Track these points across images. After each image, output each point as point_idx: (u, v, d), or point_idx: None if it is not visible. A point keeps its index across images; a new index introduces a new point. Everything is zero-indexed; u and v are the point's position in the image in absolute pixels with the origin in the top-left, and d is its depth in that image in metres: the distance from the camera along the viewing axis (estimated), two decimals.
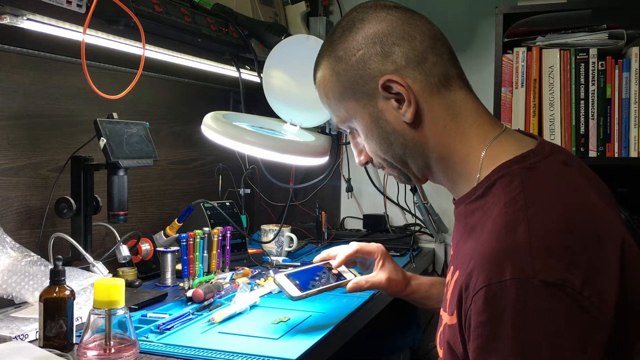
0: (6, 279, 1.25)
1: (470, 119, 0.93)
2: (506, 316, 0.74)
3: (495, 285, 0.75)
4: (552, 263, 0.75)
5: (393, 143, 0.95)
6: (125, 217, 1.50)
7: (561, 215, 0.81)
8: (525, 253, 0.76)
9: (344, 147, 2.50)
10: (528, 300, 0.74)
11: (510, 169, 0.87)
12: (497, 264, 0.77)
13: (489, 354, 0.76)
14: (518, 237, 0.78)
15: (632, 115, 1.78)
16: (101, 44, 1.44)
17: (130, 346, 1.06)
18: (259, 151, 1.47)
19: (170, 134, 2.06)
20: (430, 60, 0.92)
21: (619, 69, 1.79)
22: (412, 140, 0.94)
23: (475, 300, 0.78)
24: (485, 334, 0.76)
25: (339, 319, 1.35)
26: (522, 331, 0.74)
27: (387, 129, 0.94)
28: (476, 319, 0.77)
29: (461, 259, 0.88)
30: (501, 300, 0.75)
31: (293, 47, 1.50)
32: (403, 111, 0.92)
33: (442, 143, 0.93)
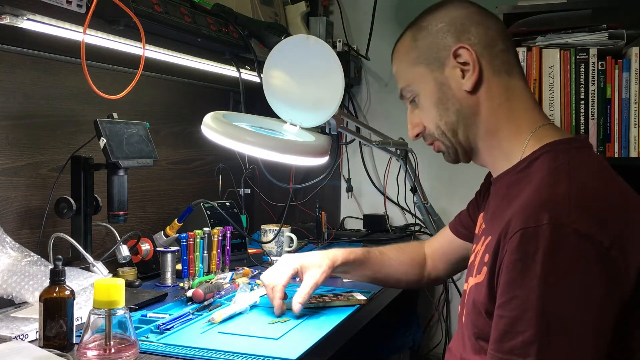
0: (6, 279, 1.25)
1: (523, 105, 1.04)
2: (538, 256, 0.81)
3: (532, 229, 0.83)
4: (586, 218, 0.83)
5: (449, 109, 1.04)
6: (125, 217, 1.50)
7: (600, 186, 0.90)
8: (562, 204, 0.84)
9: (344, 147, 2.50)
10: (560, 244, 0.81)
11: (556, 147, 0.97)
12: (535, 211, 0.84)
13: (516, 287, 0.83)
14: (558, 192, 0.86)
15: (632, 115, 1.78)
16: (101, 44, 1.44)
17: (130, 346, 1.06)
18: (259, 151, 1.47)
19: (170, 134, 2.06)
20: (499, 47, 1.03)
21: (619, 69, 1.79)
22: (467, 109, 1.04)
23: (511, 242, 0.85)
24: (516, 269, 0.83)
25: (339, 319, 1.35)
26: (549, 271, 0.81)
27: (447, 94, 1.04)
28: (509, 257, 0.84)
29: (497, 224, 0.93)
30: (535, 241, 0.82)
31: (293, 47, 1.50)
32: (465, 79, 1.02)
33: (493, 118, 1.03)
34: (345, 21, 2.55)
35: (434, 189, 2.38)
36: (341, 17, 2.54)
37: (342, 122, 1.61)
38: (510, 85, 1.04)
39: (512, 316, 0.83)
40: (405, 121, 1.15)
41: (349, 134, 1.97)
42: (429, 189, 2.27)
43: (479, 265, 0.97)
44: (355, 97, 2.57)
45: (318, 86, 1.47)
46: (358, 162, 2.52)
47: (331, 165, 2.27)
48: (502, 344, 0.84)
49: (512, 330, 0.83)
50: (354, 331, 1.42)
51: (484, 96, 1.03)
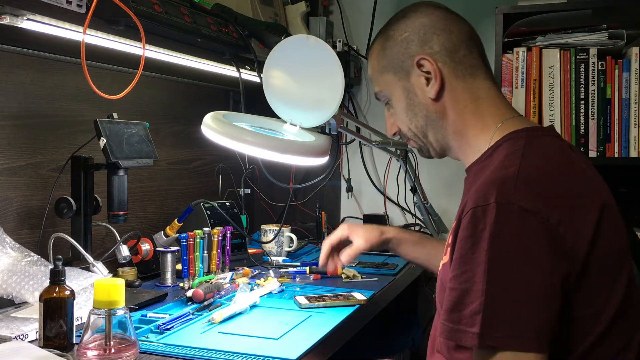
0: (6, 279, 1.25)
1: (489, 102, 1.09)
2: (485, 232, 0.87)
3: (481, 208, 0.88)
4: (532, 195, 0.87)
5: (417, 114, 1.11)
6: (125, 217, 1.50)
7: (551, 166, 0.95)
8: (509, 183, 0.89)
9: (344, 147, 2.50)
10: (506, 221, 0.86)
11: (517, 134, 1.02)
12: (485, 191, 0.90)
13: (465, 263, 0.88)
14: (507, 173, 0.92)
15: (632, 115, 1.78)
16: (101, 44, 1.44)
17: (130, 346, 1.06)
18: (259, 151, 1.47)
19: (170, 134, 2.06)
20: (461, 52, 1.08)
21: (619, 69, 1.79)
22: (434, 114, 1.10)
23: (463, 221, 0.91)
24: (466, 245, 0.89)
25: (339, 319, 1.35)
26: (495, 246, 0.86)
27: (414, 101, 1.11)
28: (461, 234, 0.90)
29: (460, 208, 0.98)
30: (483, 219, 0.87)
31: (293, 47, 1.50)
32: (429, 88, 1.08)
33: (459, 120, 1.09)
34: (345, 21, 2.55)
35: (434, 189, 2.38)
36: (341, 17, 2.54)
37: (342, 122, 1.61)
38: (474, 87, 1.09)
39: (461, 289, 0.88)
40: None
41: (349, 134, 1.97)
42: (429, 189, 2.27)
43: (445, 247, 1.03)
44: (355, 97, 2.57)
45: (318, 86, 1.47)
46: (358, 162, 2.52)
47: (331, 165, 2.27)
48: (452, 314, 0.89)
49: (461, 302, 0.87)
50: (354, 331, 1.42)
51: (449, 101, 1.09)
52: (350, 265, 1.87)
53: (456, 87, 1.08)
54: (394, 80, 1.13)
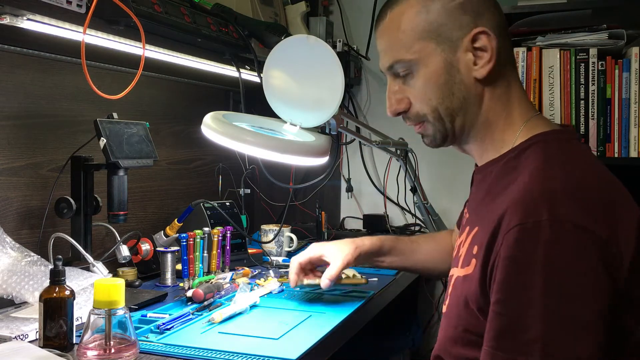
0: (6, 279, 1.25)
1: (519, 96, 1.02)
2: (538, 252, 0.80)
3: (531, 224, 0.81)
4: (584, 212, 0.82)
5: (455, 93, 0.99)
6: (125, 217, 1.50)
7: (594, 180, 0.89)
8: (560, 199, 0.83)
9: (344, 147, 2.50)
10: (559, 239, 0.80)
11: (547, 137, 0.96)
12: (532, 205, 0.82)
13: (516, 284, 0.81)
14: (554, 186, 0.85)
15: (632, 115, 1.78)
16: (101, 44, 1.44)
17: (130, 346, 1.06)
18: (259, 151, 1.47)
19: (170, 134, 2.06)
20: (508, 38, 1.01)
21: (619, 69, 1.79)
22: (473, 97, 0.99)
23: (507, 238, 0.82)
24: (516, 266, 0.81)
25: (339, 319, 1.35)
26: (551, 267, 0.79)
27: (455, 78, 0.98)
28: (507, 253, 0.82)
29: (486, 215, 0.92)
30: (534, 238, 0.80)
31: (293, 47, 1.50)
32: (479, 66, 0.97)
33: (493, 108, 1.00)
34: (345, 21, 2.55)
35: (434, 189, 2.39)
36: (341, 17, 2.54)
37: (342, 122, 1.61)
38: (511, 78, 1.01)
39: (512, 314, 0.81)
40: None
41: (349, 134, 1.97)
42: (429, 189, 2.27)
43: (466, 257, 0.95)
44: (355, 97, 2.57)
45: (318, 86, 1.47)
46: (358, 162, 2.52)
47: (331, 165, 2.27)
48: (502, 341, 0.82)
49: (513, 329, 0.81)
50: (354, 331, 1.42)
51: (490, 86, 0.99)
52: None
53: (499, 72, 0.98)
54: (434, 50, 0.98)
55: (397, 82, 1.04)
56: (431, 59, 0.98)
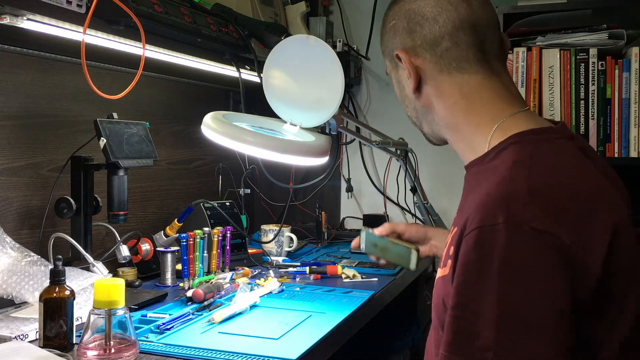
0: (6, 279, 1.25)
1: (485, 99, 0.99)
2: (494, 256, 0.78)
3: (488, 228, 0.80)
4: (544, 215, 0.79)
5: (408, 105, 1.08)
6: (125, 217, 1.50)
7: (562, 182, 0.85)
8: (520, 201, 0.81)
9: (344, 147, 2.50)
10: (517, 243, 0.78)
11: (524, 137, 0.92)
12: (492, 208, 0.81)
13: (472, 288, 0.80)
14: (516, 188, 0.83)
15: (632, 115, 1.78)
16: (101, 44, 1.44)
17: (130, 346, 1.06)
18: (259, 151, 1.47)
19: (170, 134, 2.06)
20: (444, 45, 0.99)
21: (619, 69, 1.79)
22: (420, 108, 1.06)
23: (466, 240, 0.82)
24: (473, 269, 0.80)
25: (339, 319, 1.35)
26: (507, 271, 0.78)
27: (403, 92, 1.07)
28: (465, 256, 0.81)
29: (461, 215, 0.91)
30: (491, 241, 0.79)
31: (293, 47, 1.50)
32: (409, 82, 1.03)
33: (450, 115, 1.02)
34: (345, 21, 2.55)
35: (434, 189, 2.38)
36: (341, 17, 2.54)
37: (342, 122, 1.61)
38: (463, 82, 0.99)
39: (465, 318, 0.80)
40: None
41: (349, 134, 1.97)
42: (429, 189, 2.27)
43: (445, 257, 0.93)
44: (355, 97, 2.57)
45: (318, 86, 1.47)
46: (358, 162, 2.52)
47: (331, 165, 2.27)
48: (454, 346, 0.81)
49: (467, 335, 0.80)
50: (353, 331, 1.42)
51: (435, 96, 1.02)
52: (350, 265, 1.87)
53: (442, 82, 1.00)
54: (390, 68, 1.09)
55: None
56: (392, 74, 1.09)
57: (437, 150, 2.40)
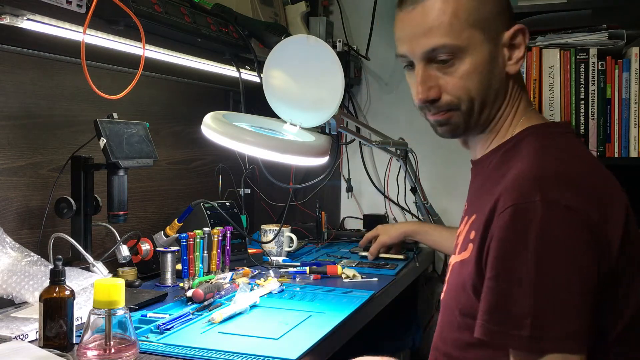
0: (6, 279, 1.25)
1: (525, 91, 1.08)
2: (530, 231, 0.83)
3: (524, 204, 0.85)
4: (575, 194, 0.85)
5: (492, 86, 1.01)
6: (125, 217, 1.50)
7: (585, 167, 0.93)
8: (553, 181, 0.87)
9: (344, 147, 2.50)
10: (552, 219, 0.83)
11: (541, 129, 1.00)
12: (526, 187, 0.86)
13: (509, 260, 0.84)
14: (548, 169, 0.89)
15: (632, 115, 1.78)
16: (101, 44, 1.44)
17: (130, 346, 1.06)
18: (259, 151, 1.47)
19: (170, 134, 2.06)
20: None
21: (619, 69, 1.79)
22: (503, 92, 1.03)
23: (502, 217, 0.86)
24: (509, 243, 0.85)
25: (339, 319, 1.35)
26: (542, 245, 0.82)
27: (494, 70, 1.00)
28: (500, 232, 0.86)
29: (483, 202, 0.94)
30: (527, 217, 0.84)
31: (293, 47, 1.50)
32: (512, 62, 1.01)
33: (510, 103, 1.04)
34: (345, 21, 2.55)
35: (434, 189, 2.38)
36: (341, 17, 2.54)
37: (342, 122, 1.61)
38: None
39: (504, 288, 0.84)
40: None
41: (349, 134, 1.97)
42: (429, 189, 2.27)
43: (463, 243, 0.98)
44: (355, 97, 2.57)
45: (318, 86, 1.47)
46: (358, 162, 2.52)
47: (331, 165, 2.27)
48: (494, 315, 0.85)
49: (505, 303, 0.84)
50: (353, 331, 1.42)
51: (512, 82, 1.03)
52: (350, 265, 1.87)
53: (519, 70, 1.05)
54: (481, 41, 0.98)
55: (431, 68, 1.01)
56: (477, 48, 0.98)
57: (437, 150, 2.42)
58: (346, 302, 1.48)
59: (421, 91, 1.01)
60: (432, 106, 1.02)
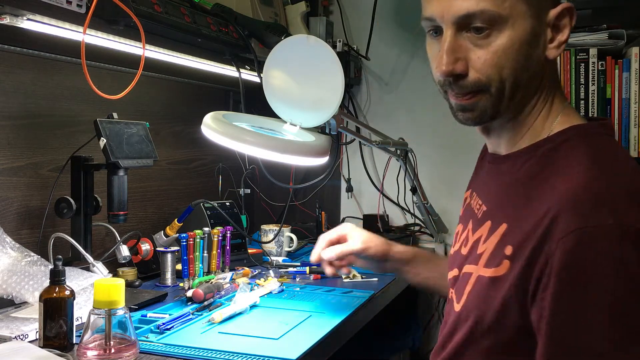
0: (6, 279, 1.25)
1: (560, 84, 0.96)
2: (604, 260, 0.72)
3: (592, 229, 0.73)
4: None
5: (528, 68, 0.87)
6: (125, 217, 1.50)
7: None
8: (626, 200, 0.75)
9: (344, 147, 2.50)
10: (628, 247, 0.72)
11: (587, 131, 0.87)
12: (592, 206, 0.74)
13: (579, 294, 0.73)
14: (615, 185, 0.77)
15: (632, 115, 1.78)
16: (101, 44, 1.44)
17: (130, 346, 1.06)
18: (259, 151, 1.47)
19: (170, 134, 2.06)
20: None
21: (619, 69, 1.79)
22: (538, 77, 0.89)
23: (564, 243, 0.74)
24: (577, 274, 0.73)
25: (339, 319, 1.35)
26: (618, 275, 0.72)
27: (534, 52, 0.87)
28: (565, 260, 0.74)
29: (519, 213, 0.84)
30: (597, 244, 0.72)
31: (293, 47, 1.50)
32: (554, 45, 0.88)
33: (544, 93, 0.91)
34: (345, 21, 2.55)
35: (434, 189, 2.38)
36: (341, 17, 2.54)
37: (342, 122, 1.61)
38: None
39: (574, 326, 0.74)
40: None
41: (349, 134, 1.97)
42: (429, 189, 2.27)
43: (492, 256, 0.85)
44: (355, 97, 2.57)
45: (318, 86, 1.47)
46: (358, 162, 2.52)
47: (331, 165, 2.27)
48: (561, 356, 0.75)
49: (575, 343, 0.74)
50: (354, 331, 1.42)
51: (548, 68, 0.91)
52: None
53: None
54: (524, 13, 0.84)
55: (461, 37, 0.86)
56: (519, 21, 0.84)
57: (437, 150, 2.42)
58: (346, 302, 1.48)
59: (446, 62, 0.85)
60: (456, 84, 0.87)
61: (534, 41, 0.86)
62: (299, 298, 1.53)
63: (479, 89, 0.87)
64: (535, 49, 0.86)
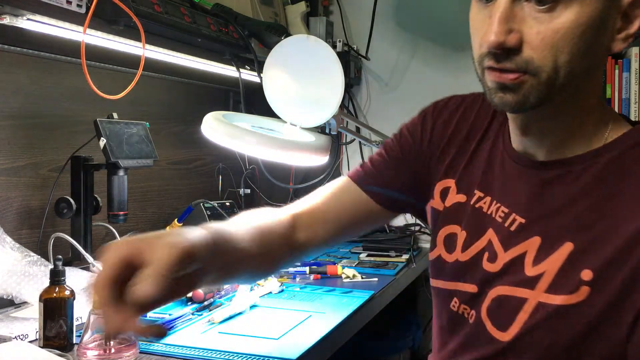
0: (6, 279, 1.25)
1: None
2: None
3: None
4: None
5: (589, 57, 0.74)
6: (125, 217, 1.50)
7: None
8: None
9: (344, 147, 2.50)
10: None
11: None
12: None
13: None
14: None
15: (632, 115, 1.78)
16: (101, 44, 1.44)
17: (130, 346, 1.06)
18: (259, 151, 1.47)
19: (170, 134, 2.06)
20: None
21: (619, 69, 1.79)
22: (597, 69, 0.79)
23: None
24: None
25: (339, 319, 1.35)
26: None
27: (598, 40, 0.74)
28: None
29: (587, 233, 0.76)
30: None
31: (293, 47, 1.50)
32: (621, 37, 0.76)
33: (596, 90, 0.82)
34: (345, 21, 2.55)
35: None
36: (341, 17, 2.54)
37: (342, 122, 1.61)
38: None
39: None
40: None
41: (349, 134, 1.97)
42: None
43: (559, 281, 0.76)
44: (355, 97, 2.57)
45: (318, 86, 1.48)
46: (358, 162, 2.51)
47: (331, 165, 2.27)
48: None
49: None
50: (353, 331, 1.42)
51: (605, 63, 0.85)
52: (350, 265, 1.87)
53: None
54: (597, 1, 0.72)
55: (519, 6, 0.72)
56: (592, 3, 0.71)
57: None
58: (346, 302, 1.48)
59: (497, 31, 0.71)
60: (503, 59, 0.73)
61: (602, 27, 0.73)
62: (299, 298, 1.53)
63: (527, 70, 0.73)
64: (601, 37, 0.73)
